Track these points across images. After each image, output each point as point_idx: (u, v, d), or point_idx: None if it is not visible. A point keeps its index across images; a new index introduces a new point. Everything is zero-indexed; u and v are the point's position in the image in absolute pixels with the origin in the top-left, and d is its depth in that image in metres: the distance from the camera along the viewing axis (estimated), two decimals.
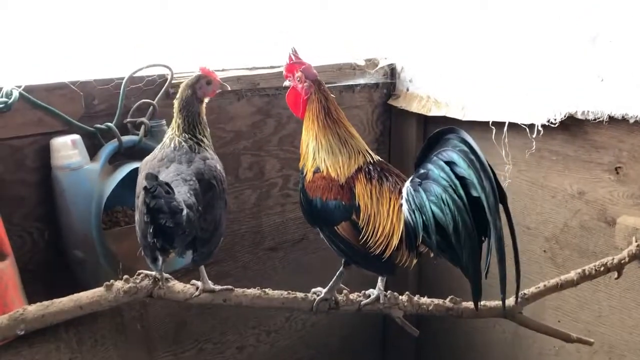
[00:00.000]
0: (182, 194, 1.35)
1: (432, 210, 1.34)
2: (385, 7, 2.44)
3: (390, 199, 1.46)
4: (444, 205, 1.31)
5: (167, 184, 1.28)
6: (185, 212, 1.28)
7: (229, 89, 1.66)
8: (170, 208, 1.24)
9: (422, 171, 1.40)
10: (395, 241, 1.42)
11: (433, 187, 1.35)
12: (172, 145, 1.51)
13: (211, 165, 1.49)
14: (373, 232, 1.45)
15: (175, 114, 1.57)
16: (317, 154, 1.52)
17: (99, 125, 1.74)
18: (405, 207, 1.42)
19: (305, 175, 1.54)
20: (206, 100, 1.59)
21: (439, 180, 1.34)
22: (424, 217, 1.36)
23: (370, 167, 1.52)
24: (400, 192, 1.46)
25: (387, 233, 1.43)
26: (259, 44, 2.28)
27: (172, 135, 1.54)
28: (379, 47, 2.47)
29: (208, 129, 1.59)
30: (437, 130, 1.39)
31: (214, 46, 2.16)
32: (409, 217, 1.40)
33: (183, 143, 1.50)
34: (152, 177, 1.24)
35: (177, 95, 1.57)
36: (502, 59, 2.08)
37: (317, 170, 1.52)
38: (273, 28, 2.34)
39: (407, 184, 1.45)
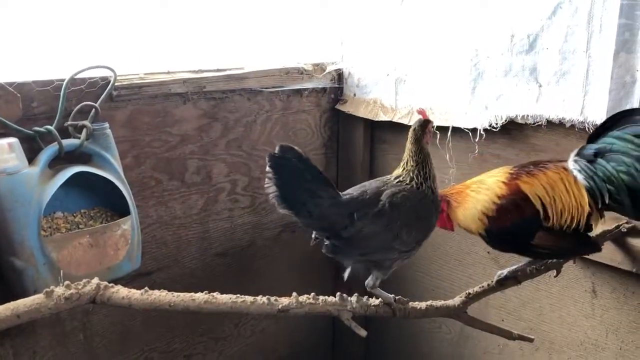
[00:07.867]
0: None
1: (622, 178, 1.47)
2: (332, 13, 2.46)
3: (561, 178, 1.55)
4: (637, 173, 1.45)
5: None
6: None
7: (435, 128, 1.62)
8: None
9: (594, 148, 1.53)
10: (586, 209, 1.52)
11: (621, 158, 1.47)
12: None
13: (399, 195, 1.49)
14: (561, 216, 1.54)
15: (408, 154, 1.55)
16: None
17: (38, 128, 1.67)
18: (580, 177, 1.53)
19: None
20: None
21: (628, 152, 1.46)
22: (614, 181, 1.48)
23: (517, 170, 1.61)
24: (564, 168, 1.56)
25: (576, 206, 1.53)
26: (205, 47, 2.26)
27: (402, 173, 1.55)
28: (326, 52, 2.48)
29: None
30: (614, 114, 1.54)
31: (159, 48, 2.13)
32: (591, 184, 1.51)
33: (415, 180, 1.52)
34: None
35: (412, 136, 1.55)
36: (445, 66, 2.14)
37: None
38: (219, 32, 2.33)
39: (572, 158, 1.56)
